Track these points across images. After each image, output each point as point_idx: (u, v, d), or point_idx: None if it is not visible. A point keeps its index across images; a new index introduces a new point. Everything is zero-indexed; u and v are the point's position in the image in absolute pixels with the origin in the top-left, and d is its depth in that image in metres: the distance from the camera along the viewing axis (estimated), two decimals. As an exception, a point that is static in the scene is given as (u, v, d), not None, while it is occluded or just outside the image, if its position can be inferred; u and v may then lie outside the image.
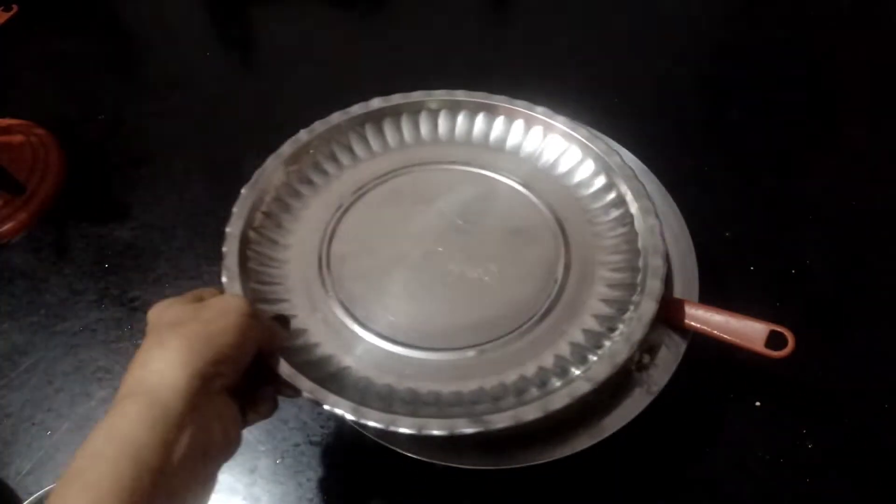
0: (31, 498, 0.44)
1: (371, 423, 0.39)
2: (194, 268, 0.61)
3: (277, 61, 0.79)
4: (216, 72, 0.79)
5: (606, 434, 0.44)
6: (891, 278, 0.57)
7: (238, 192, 0.65)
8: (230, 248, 0.47)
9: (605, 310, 0.45)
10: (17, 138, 0.67)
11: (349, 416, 0.39)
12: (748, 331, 0.44)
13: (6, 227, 0.63)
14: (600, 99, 0.69)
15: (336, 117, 0.56)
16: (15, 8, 0.79)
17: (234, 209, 0.50)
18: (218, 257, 0.61)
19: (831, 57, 0.74)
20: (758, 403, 0.51)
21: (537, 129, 0.54)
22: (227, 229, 0.48)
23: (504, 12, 0.85)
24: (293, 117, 0.72)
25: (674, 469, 0.49)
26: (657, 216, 0.47)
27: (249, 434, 0.52)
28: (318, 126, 0.55)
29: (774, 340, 0.44)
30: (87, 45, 0.82)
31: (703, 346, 0.45)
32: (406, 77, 0.75)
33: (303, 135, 0.54)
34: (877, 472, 0.48)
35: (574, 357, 0.43)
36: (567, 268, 0.48)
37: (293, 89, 0.75)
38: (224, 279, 0.45)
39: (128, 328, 0.58)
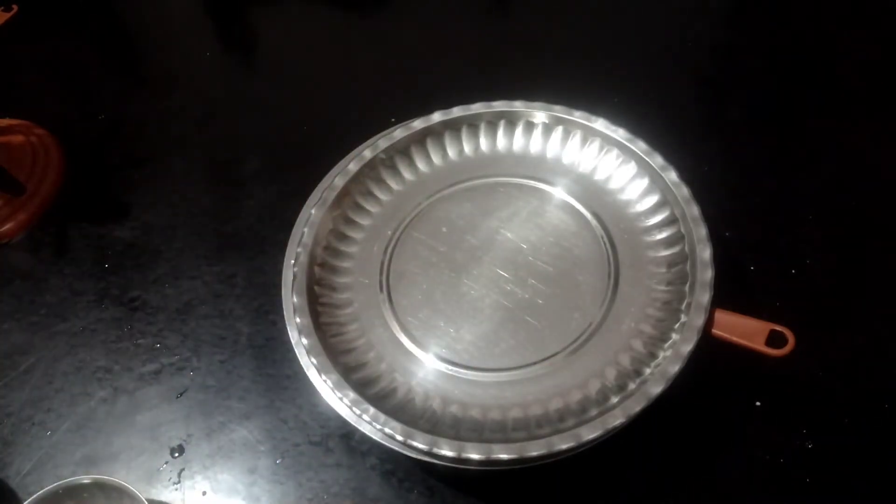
0: (31, 498, 0.44)
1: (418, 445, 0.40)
2: (194, 268, 0.61)
3: (278, 62, 0.79)
4: (216, 72, 0.79)
5: (605, 431, 0.43)
6: (890, 278, 0.57)
7: (237, 193, 0.66)
8: (300, 302, 0.48)
9: (649, 331, 0.46)
10: (17, 138, 0.66)
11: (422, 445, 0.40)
12: (749, 329, 0.44)
13: (6, 227, 0.63)
14: (600, 98, 0.69)
15: (397, 133, 0.55)
16: (15, 8, 0.78)
17: (295, 259, 0.50)
18: (217, 258, 0.62)
19: (832, 56, 0.74)
20: (758, 403, 0.51)
21: (595, 142, 0.54)
22: (294, 286, 0.49)
23: (504, 11, 0.85)
24: (293, 118, 0.72)
25: (673, 469, 0.49)
26: (710, 243, 0.47)
27: (249, 434, 0.52)
28: (353, 164, 0.54)
29: (775, 339, 0.44)
30: (87, 44, 0.82)
31: (704, 345, 0.45)
32: (410, 78, 0.75)
33: (338, 178, 0.54)
34: (877, 472, 0.48)
35: (612, 387, 0.43)
36: (614, 289, 0.48)
37: (293, 90, 0.75)
38: (304, 342, 0.46)
39: (128, 328, 0.58)
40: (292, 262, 0.50)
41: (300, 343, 0.46)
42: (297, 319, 0.46)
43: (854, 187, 0.63)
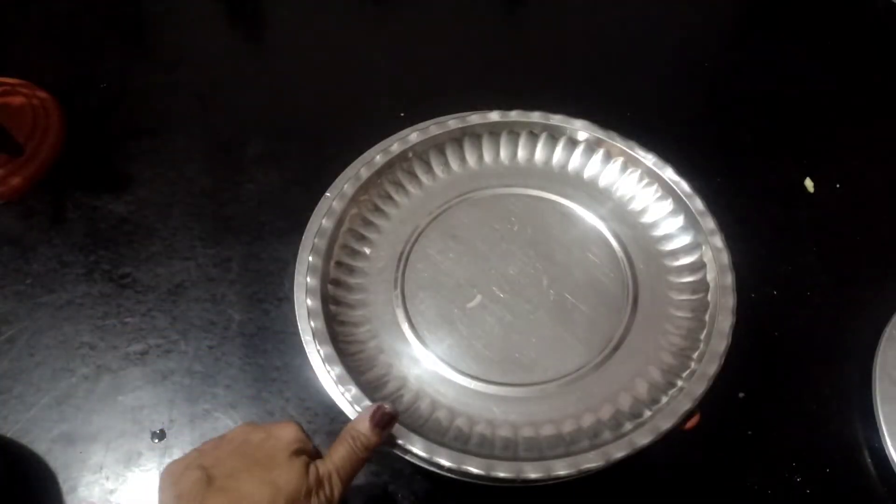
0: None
1: (444, 462, 0.39)
2: (189, 249, 0.60)
3: (287, 45, 0.78)
4: (224, 50, 0.77)
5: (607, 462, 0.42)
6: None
7: (238, 175, 0.65)
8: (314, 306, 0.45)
9: (667, 360, 0.45)
10: (18, 99, 0.65)
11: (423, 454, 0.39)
12: None
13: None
14: (614, 112, 0.68)
15: (413, 137, 0.53)
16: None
17: (310, 257, 0.47)
18: (213, 241, 0.60)
19: (850, 84, 0.74)
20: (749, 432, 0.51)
21: (618, 161, 0.53)
22: (308, 280, 0.46)
23: (518, 19, 0.84)
24: (300, 104, 0.71)
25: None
26: (732, 271, 0.46)
27: (234, 424, 0.51)
28: (380, 156, 0.52)
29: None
30: (95, 11, 0.80)
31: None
32: (420, 74, 0.74)
33: (363, 171, 0.52)
34: None
35: (630, 411, 0.42)
36: (633, 303, 0.47)
37: (302, 75, 0.74)
38: (322, 352, 0.44)
39: (116, 305, 0.56)
40: (309, 247, 0.48)
41: (308, 328, 0.45)
42: (309, 302, 0.44)
43: (857, 220, 0.63)
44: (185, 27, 0.79)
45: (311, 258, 0.47)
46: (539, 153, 0.54)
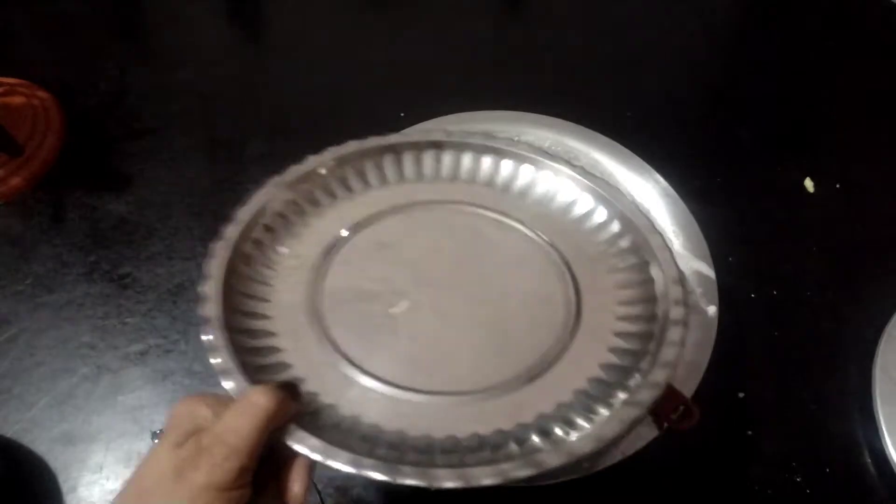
0: None
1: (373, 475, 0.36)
2: (189, 249, 0.60)
3: (288, 46, 0.78)
4: (225, 51, 0.77)
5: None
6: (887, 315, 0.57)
7: (238, 175, 0.65)
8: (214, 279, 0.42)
9: (615, 361, 0.43)
10: (18, 99, 0.65)
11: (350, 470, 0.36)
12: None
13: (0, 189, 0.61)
14: (613, 112, 0.69)
15: (349, 146, 0.52)
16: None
17: (227, 231, 0.45)
18: (213, 240, 0.60)
19: (850, 84, 0.74)
20: (749, 432, 0.51)
21: (560, 176, 0.50)
22: (213, 260, 0.43)
23: (518, 20, 0.84)
24: (300, 104, 0.71)
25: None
26: (681, 285, 0.43)
27: (234, 424, 0.51)
28: (328, 155, 0.51)
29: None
30: (94, 11, 0.80)
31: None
32: (421, 75, 0.74)
33: (302, 167, 0.51)
34: None
35: (579, 409, 0.40)
36: (577, 315, 0.45)
37: (302, 76, 0.74)
38: (206, 310, 0.40)
39: (116, 305, 0.56)
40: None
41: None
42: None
43: (858, 218, 0.63)
44: (185, 27, 0.79)
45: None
46: (483, 168, 0.52)
